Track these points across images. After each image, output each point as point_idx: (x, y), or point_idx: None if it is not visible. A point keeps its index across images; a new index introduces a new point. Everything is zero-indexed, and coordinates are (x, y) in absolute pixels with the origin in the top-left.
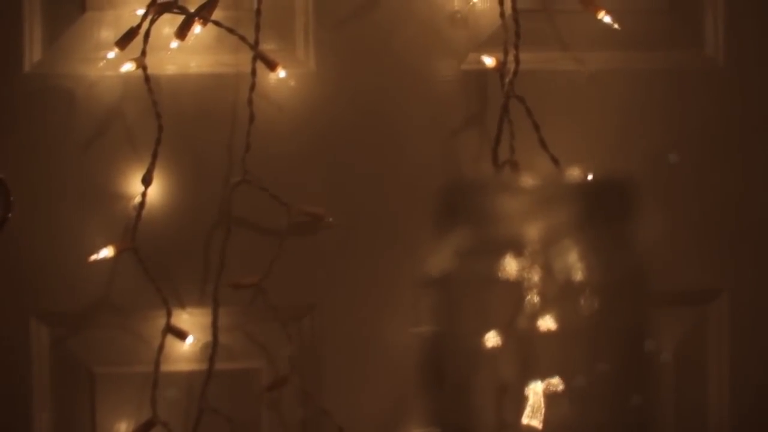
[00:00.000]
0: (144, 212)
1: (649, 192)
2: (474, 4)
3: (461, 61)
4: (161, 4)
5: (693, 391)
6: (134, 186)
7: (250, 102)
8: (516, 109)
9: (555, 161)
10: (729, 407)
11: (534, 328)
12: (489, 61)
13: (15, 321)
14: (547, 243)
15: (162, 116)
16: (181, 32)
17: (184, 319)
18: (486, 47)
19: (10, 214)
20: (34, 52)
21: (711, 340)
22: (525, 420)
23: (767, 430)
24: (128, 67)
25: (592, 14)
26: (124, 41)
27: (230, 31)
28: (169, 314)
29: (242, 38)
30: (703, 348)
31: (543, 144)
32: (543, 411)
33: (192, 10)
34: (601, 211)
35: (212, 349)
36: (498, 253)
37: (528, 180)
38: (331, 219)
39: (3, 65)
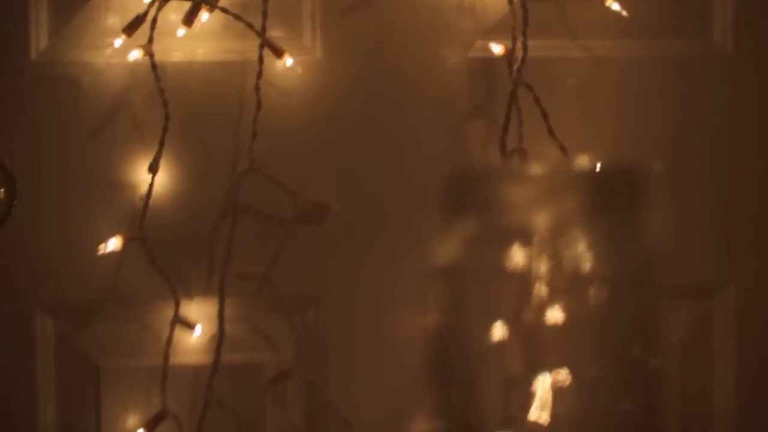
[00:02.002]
0: (151, 201)
1: (656, 182)
2: None
3: (468, 48)
4: None
5: (699, 382)
6: (141, 174)
7: (257, 89)
8: (524, 97)
9: (563, 150)
10: (734, 398)
11: (542, 320)
12: (497, 48)
13: (20, 313)
14: (555, 233)
15: (169, 104)
16: (188, 19)
17: (191, 309)
18: (493, 35)
19: (15, 202)
20: (40, 40)
21: (717, 332)
22: (533, 414)
23: None
24: (135, 54)
25: (601, 1)
26: (130, 28)
27: (237, 18)
28: (177, 304)
29: (249, 25)
30: (709, 339)
31: (551, 132)
32: (551, 404)
33: None
34: (610, 201)
35: (218, 341)
36: (506, 242)
37: (536, 169)
38: (337, 208)
39: (9, 53)
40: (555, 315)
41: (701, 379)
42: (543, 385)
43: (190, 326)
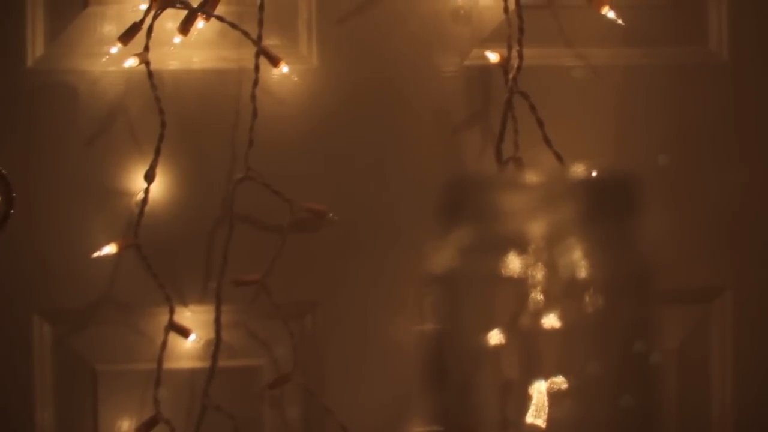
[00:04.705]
0: (147, 209)
1: (652, 189)
2: None
3: (464, 56)
4: None
5: (696, 388)
6: (137, 182)
7: (253, 98)
8: (520, 106)
9: (559, 158)
10: (732, 404)
11: (538, 326)
12: (492, 56)
13: (17, 318)
14: (551, 240)
15: (165, 112)
16: (184, 27)
17: (186, 316)
18: (489, 43)
19: (12, 211)
20: (36, 48)
21: (714, 338)
22: (529, 419)
23: None
24: (131, 62)
25: (596, 10)
26: (127, 36)
27: (233, 26)
28: (171, 311)
29: (245, 33)
30: (706, 345)
31: (547, 141)
32: (547, 409)
33: (195, 5)
34: (605, 209)
35: (215, 347)
36: (501, 250)
37: (532, 177)
38: (333, 216)
39: (6, 60)
40: (551, 321)
41: (699, 383)
42: (539, 390)
43: (185, 333)
